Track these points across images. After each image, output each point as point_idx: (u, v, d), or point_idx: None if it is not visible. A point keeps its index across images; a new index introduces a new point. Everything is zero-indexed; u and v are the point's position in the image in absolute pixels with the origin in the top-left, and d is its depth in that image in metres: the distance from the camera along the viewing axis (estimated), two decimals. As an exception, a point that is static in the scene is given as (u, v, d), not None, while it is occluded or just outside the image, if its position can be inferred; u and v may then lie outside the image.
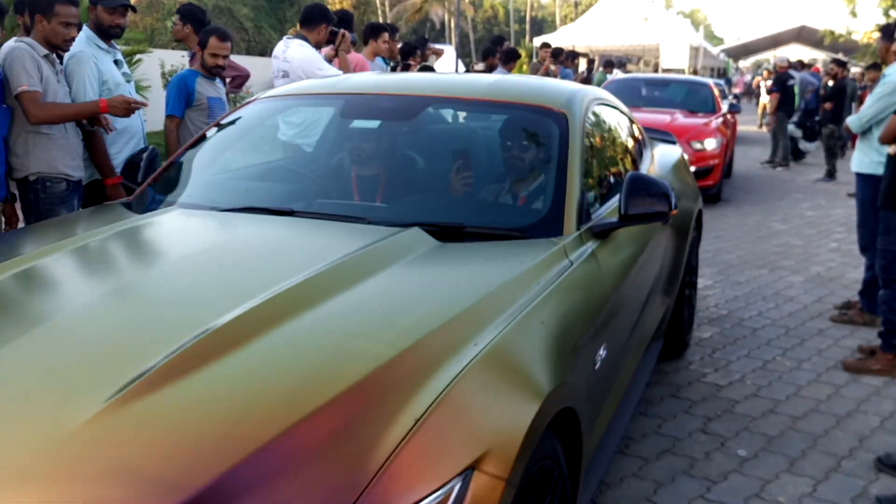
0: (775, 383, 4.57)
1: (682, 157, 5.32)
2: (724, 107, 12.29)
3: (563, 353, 2.24)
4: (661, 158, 4.79)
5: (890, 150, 4.54)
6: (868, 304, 5.54)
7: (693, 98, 12.26)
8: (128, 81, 4.82)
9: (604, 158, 3.66)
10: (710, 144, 10.36)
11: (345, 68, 5.91)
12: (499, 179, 3.40)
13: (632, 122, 4.46)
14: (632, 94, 11.83)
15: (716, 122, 11.16)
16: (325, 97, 3.82)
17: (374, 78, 4.09)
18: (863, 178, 5.39)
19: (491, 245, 2.69)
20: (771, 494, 3.36)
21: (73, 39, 4.28)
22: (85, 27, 4.67)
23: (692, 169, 9.44)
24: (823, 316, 5.83)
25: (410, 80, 4.04)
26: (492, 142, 3.57)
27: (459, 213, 3.07)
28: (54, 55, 4.29)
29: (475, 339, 2.01)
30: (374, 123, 3.71)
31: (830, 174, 13.42)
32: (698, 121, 11.03)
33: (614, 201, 3.22)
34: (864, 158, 5.37)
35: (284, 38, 6.02)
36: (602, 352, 2.63)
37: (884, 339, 4.75)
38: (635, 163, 4.16)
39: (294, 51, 5.73)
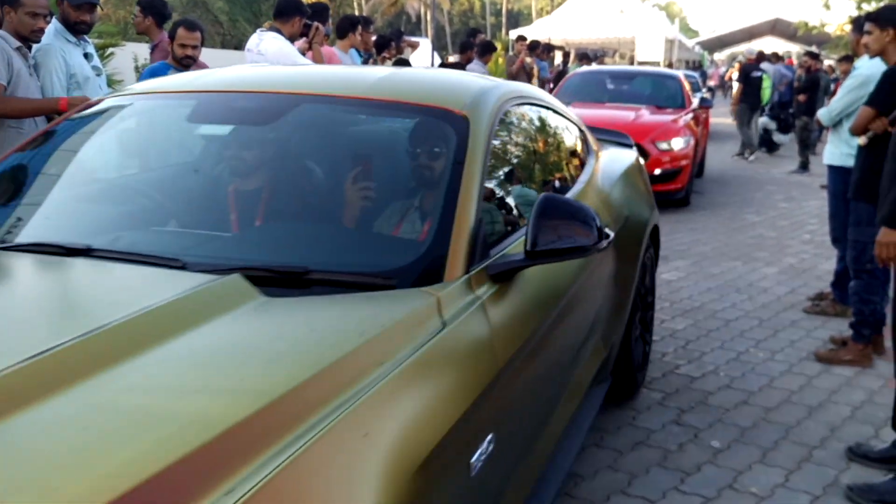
0: (748, 374, 4.60)
1: (637, 162, 4.67)
2: (695, 101, 11.43)
3: (400, 476, 1.52)
4: (608, 166, 4.10)
5: (860, 140, 4.58)
6: (840, 295, 5.59)
7: (661, 92, 11.40)
8: (98, 75, 4.77)
9: (521, 173, 3.07)
10: (678, 144, 9.52)
11: (318, 61, 5.90)
12: (369, 206, 2.61)
13: (573, 124, 3.89)
14: (595, 89, 11.39)
15: (684, 118, 10.29)
16: (175, 97, 2.98)
17: (236, 72, 3.25)
18: (834, 171, 5.43)
19: (331, 301, 1.97)
20: (744, 485, 3.38)
21: (42, 30, 4.23)
22: (54, 20, 4.62)
23: (657, 172, 9.11)
24: (796, 307, 5.87)
25: (279, 75, 3.22)
26: (368, 155, 2.82)
27: (303, 252, 2.33)
28: (26, 48, 4.24)
29: (245, 469, 1.30)
30: (225, 129, 3.00)
31: (804, 166, 13.53)
32: (665, 118, 10.15)
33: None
34: (835, 151, 5.41)
35: (258, 30, 6.00)
36: (486, 446, 1.93)
37: (855, 330, 4.79)
38: (569, 176, 3.53)
39: (268, 44, 5.71)
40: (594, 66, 14.77)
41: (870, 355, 4.73)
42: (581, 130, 3.99)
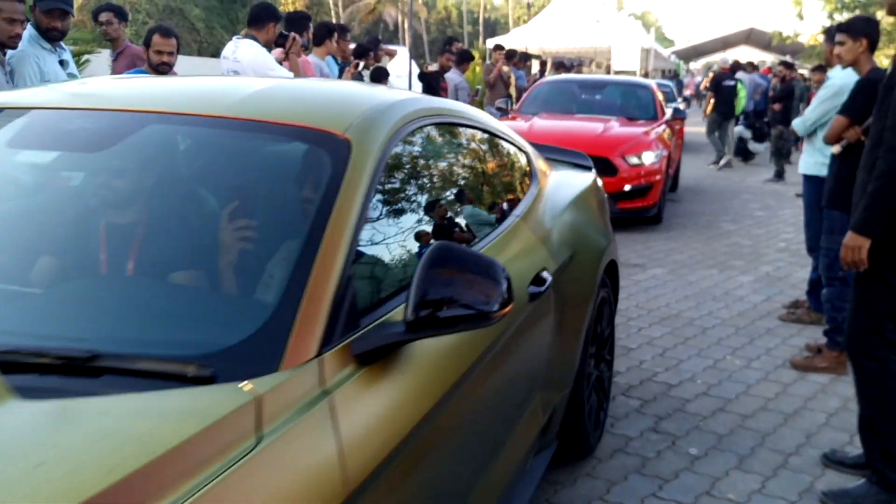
0: (725, 382, 4.63)
1: (593, 186, 4.06)
2: (668, 112, 10.93)
3: None
4: (556, 194, 3.48)
5: (834, 149, 4.63)
6: (816, 303, 5.65)
7: (632, 103, 10.94)
8: None
9: (424, 213, 2.39)
10: (649, 158, 8.99)
11: (295, 70, 5.90)
12: (198, 260, 1.97)
13: (512, 145, 3.31)
14: (563, 99, 11.05)
15: (656, 131, 9.81)
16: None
17: (79, 86, 2.65)
18: (808, 180, 5.49)
19: (95, 411, 1.36)
20: (721, 492, 3.40)
21: (19, 36, 4.19)
22: (29, 26, 4.59)
23: (626, 188, 8.77)
24: (772, 315, 5.92)
25: (130, 89, 2.53)
26: (216, 189, 2.15)
27: (92, 328, 1.70)
28: (2, 54, 4.21)
29: None
30: (49, 156, 2.33)
31: (779, 175, 13.66)
32: (635, 130, 9.64)
33: None
34: (810, 160, 5.47)
35: (234, 38, 6.00)
36: None
37: (829, 337, 4.84)
38: (499, 210, 2.96)
39: (244, 51, 5.71)
40: (563, 75, 14.46)
41: (844, 362, 4.78)
42: (523, 153, 3.43)
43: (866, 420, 3.38)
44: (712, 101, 15.52)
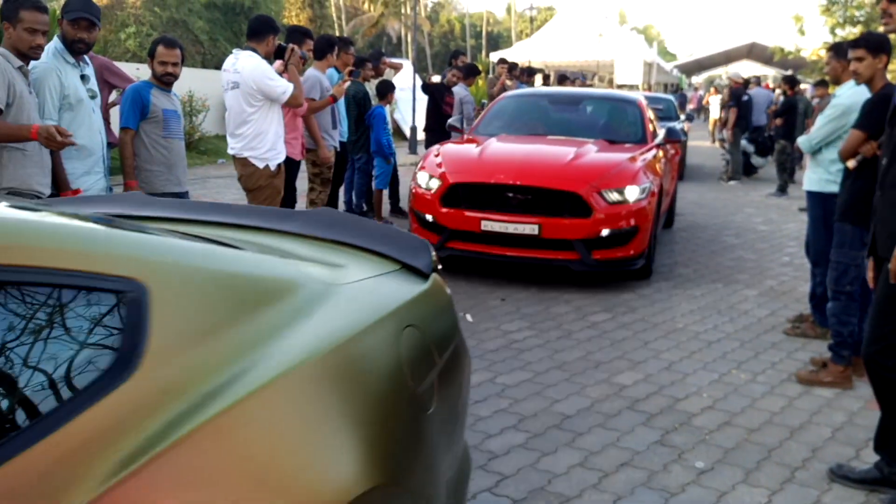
0: (731, 396, 4.64)
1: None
2: (661, 133, 8.63)
3: None
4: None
5: (849, 164, 4.60)
6: (820, 317, 5.65)
7: (615, 121, 8.89)
8: (92, 98, 4.73)
9: None
10: (633, 194, 6.83)
11: (295, 81, 5.96)
12: None
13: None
14: (530, 116, 8.98)
15: (644, 157, 7.58)
16: None
17: None
18: (813, 196, 5.48)
19: None
20: (728, 506, 3.41)
21: (40, 47, 4.14)
22: (55, 39, 4.61)
23: (604, 233, 6.66)
24: (777, 329, 5.93)
25: None
26: None
27: None
28: (27, 66, 4.21)
29: None
30: None
31: (782, 189, 13.68)
32: (617, 157, 7.45)
33: None
34: (814, 177, 5.45)
35: (234, 50, 6.10)
36: None
37: (834, 352, 4.84)
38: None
39: (244, 62, 5.82)
40: (536, 88, 12.55)
41: (850, 377, 4.79)
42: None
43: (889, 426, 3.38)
44: (733, 115, 15.47)
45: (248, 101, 5.82)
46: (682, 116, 16.93)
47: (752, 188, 14.73)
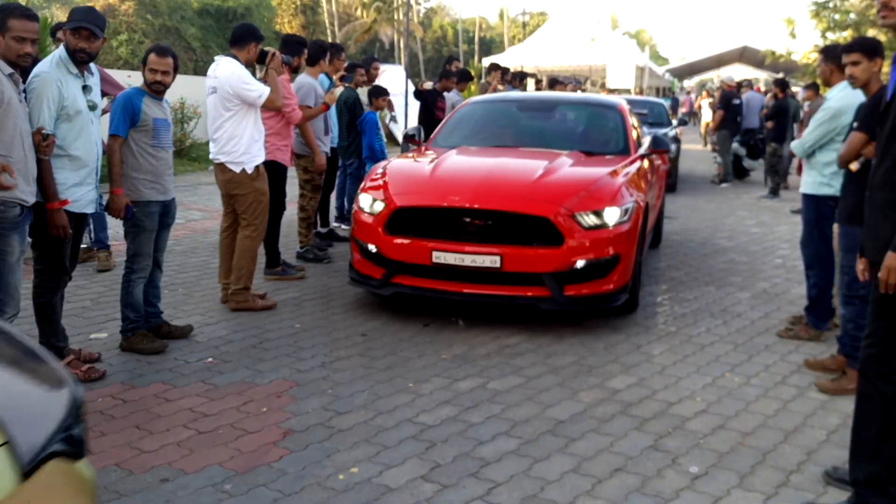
0: (724, 399, 4.61)
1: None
2: (646, 143, 7.51)
3: None
4: None
5: (852, 166, 4.57)
6: (814, 320, 5.63)
7: (594, 129, 7.82)
8: (92, 109, 4.68)
9: None
10: (613, 216, 5.78)
11: (272, 85, 5.98)
12: None
13: None
14: (496, 125, 7.87)
15: (627, 171, 6.54)
16: None
17: None
18: (808, 199, 5.48)
19: None
20: (722, 511, 3.38)
21: (28, 55, 4.13)
22: (61, 48, 4.60)
23: (579, 264, 5.62)
24: (770, 332, 5.91)
25: None
26: None
27: None
28: (18, 74, 4.18)
29: None
30: None
31: (774, 192, 13.69)
32: (596, 172, 6.40)
33: None
34: (809, 179, 5.45)
35: (216, 57, 6.14)
36: None
37: (852, 357, 4.72)
38: None
39: (222, 68, 5.95)
40: (504, 93, 10.94)
41: None
42: None
43: (865, 441, 3.33)
44: (718, 117, 15.55)
45: (223, 105, 5.92)
46: (675, 122, 16.33)
47: (744, 191, 14.73)
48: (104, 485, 3.51)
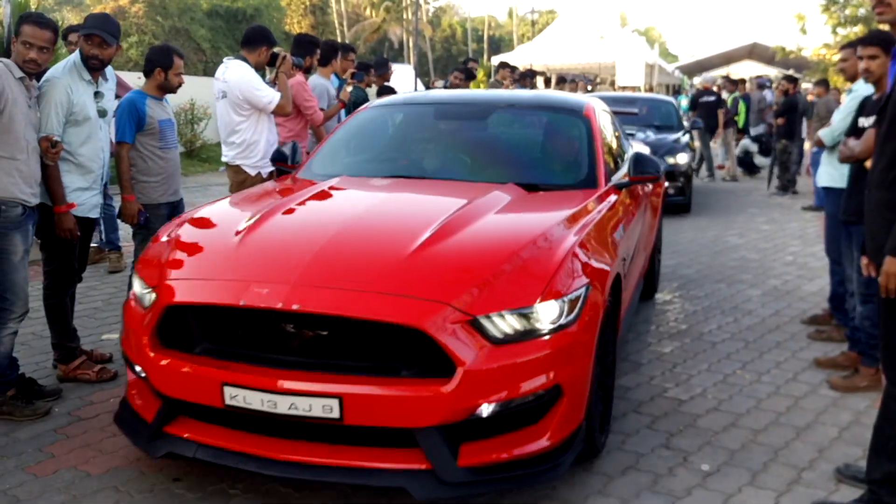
0: (736, 397, 4.60)
1: None
2: (625, 166, 5.01)
3: None
4: None
5: (867, 163, 4.54)
6: (841, 316, 5.53)
7: (546, 148, 5.26)
8: (102, 116, 4.70)
9: None
10: (548, 315, 3.18)
11: (283, 89, 5.93)
12: None
13: None
14: (407, 140, 5.41)
15: (585, 222, 3.84)
16: None
17: None
18: (830, 192, 5.42)
19: None
20: (734, 508, 3.38)
21: (33, 61, 4.16)
22: (76, 53, 4.62)
23: (483, 409, 3.04)
24: (781, 329, 5.89)
25: None
26: None
27: None
28: (31, 79, 4.22)
29: None
30: None
31: (784, 188, 13.64)
32: (527, 228, 3.71)
33: None
34: (832, 172, 5.38)
35: (225, 59, 6.08)
36: None
37: (866, 355, 4.73)
38: None
39: (232, 72, 5.82)
40: (420, 93, 7.52)
41: (881, 378, 4.71)
42: None
43: (887, 440, 3.29)
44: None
45: (235, 110, 5.82)
46: (687, 124, 14.16)
47: (754, 188, 14.69)
48: (115, 485, 3.52)
